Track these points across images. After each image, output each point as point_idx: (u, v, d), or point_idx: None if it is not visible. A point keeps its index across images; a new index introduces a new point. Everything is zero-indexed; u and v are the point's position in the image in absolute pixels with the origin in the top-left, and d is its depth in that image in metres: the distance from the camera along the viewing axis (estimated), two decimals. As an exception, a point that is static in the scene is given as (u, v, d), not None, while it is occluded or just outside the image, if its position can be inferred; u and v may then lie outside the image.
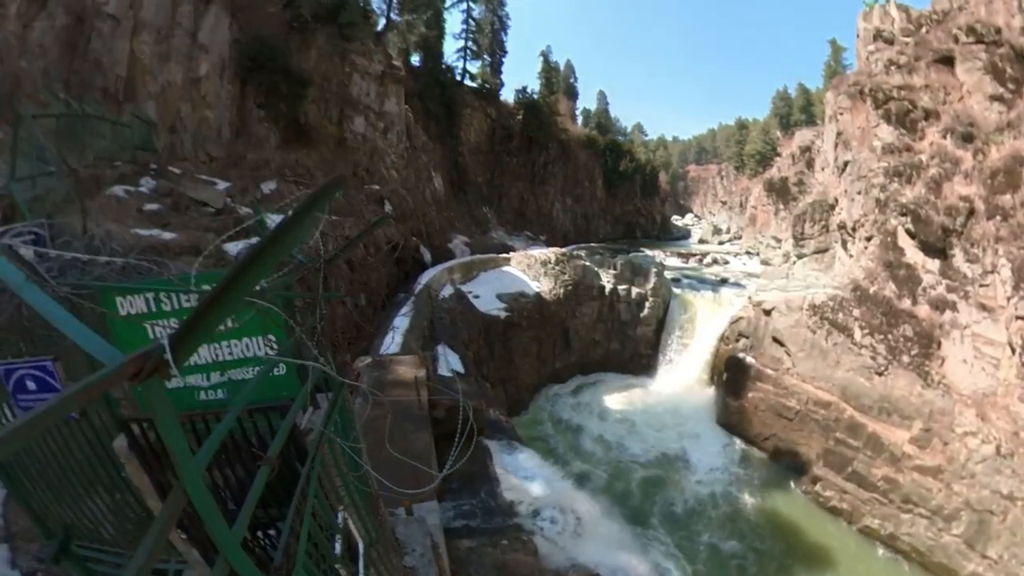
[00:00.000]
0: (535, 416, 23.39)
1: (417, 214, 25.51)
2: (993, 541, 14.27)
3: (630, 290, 28.37)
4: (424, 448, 8.48)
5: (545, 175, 46.09)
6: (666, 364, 28.00)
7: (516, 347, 23.57)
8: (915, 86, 20.21)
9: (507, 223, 41.32)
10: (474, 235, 33.15)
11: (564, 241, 43.65)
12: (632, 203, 58.20)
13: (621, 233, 56.01)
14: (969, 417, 15.60)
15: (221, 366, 3.20)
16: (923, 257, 18.13)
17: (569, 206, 49.42)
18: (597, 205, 53.57)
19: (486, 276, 26.56)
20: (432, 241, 26.33)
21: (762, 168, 55.83)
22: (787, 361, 21.49)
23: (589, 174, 52.00)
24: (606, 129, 65.15)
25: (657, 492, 18.72)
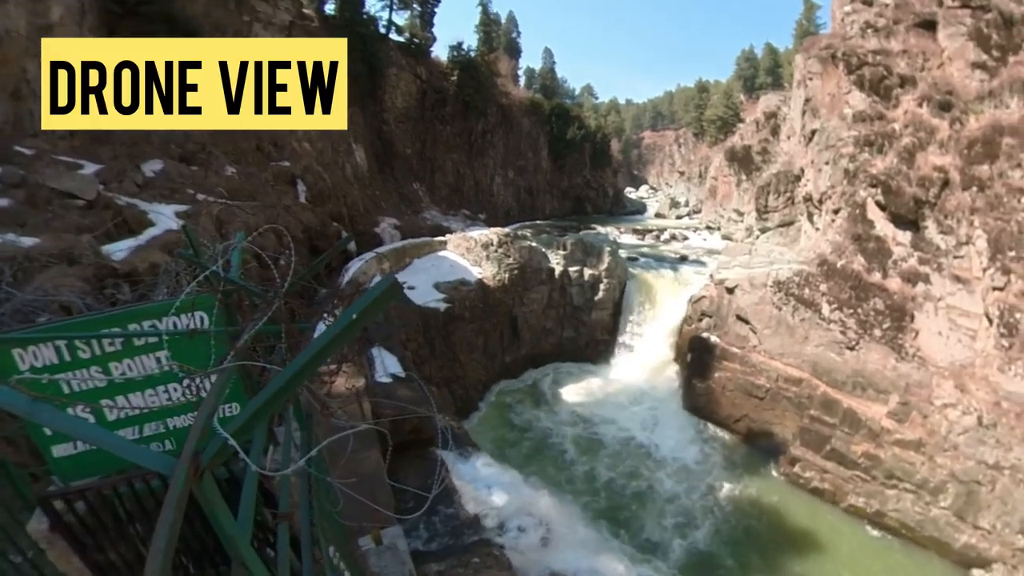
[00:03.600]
0: (487, 417, 23.83)
1: (337, 194, 24.53)
2: (984, 511, 16.23)
3: (582, 272, 29.16)
4: (376, 467, 8.44)
5: (484, 145, 45.73)
6: (625, 349, 29.33)
7: (460, 342, 23.76)
8: (892, 51, 21.87)
9: (442, 201, 40.76)
10: (404, 216, 32.44)
11: (507, 219, 43.91)
12: (581, 175, 59.17)
13: (570, 209, 56.99)
14: (947, 389, 17.55)
15: (159, 414, 2.89)
16: (894, 229, 19.99)
17: (511, 180, 49.44)
18: (542, 178, 53.99)
19: (421, 263, 26.36)
20: (356, 226, 25.51)
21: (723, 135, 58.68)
22: (753, 339, 23.21)
23: (533, 143, 52.19)
24: (552, 92, 65.59)
25: (626, 487, 19.63)
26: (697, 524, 18.11)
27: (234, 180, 18.30)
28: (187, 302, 3.15)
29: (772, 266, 24.29)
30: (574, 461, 21.01)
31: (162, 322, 3.35)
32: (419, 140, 40.21)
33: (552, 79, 68.67)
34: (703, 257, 34.82)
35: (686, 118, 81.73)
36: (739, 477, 20.69)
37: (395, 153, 37.18)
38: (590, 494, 19.19)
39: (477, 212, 42.69)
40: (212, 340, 3.05)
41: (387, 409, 10.51)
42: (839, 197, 22.63)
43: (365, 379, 11.38)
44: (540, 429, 23.09)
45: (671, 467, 21.05)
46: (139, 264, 9.91)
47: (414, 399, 11.90)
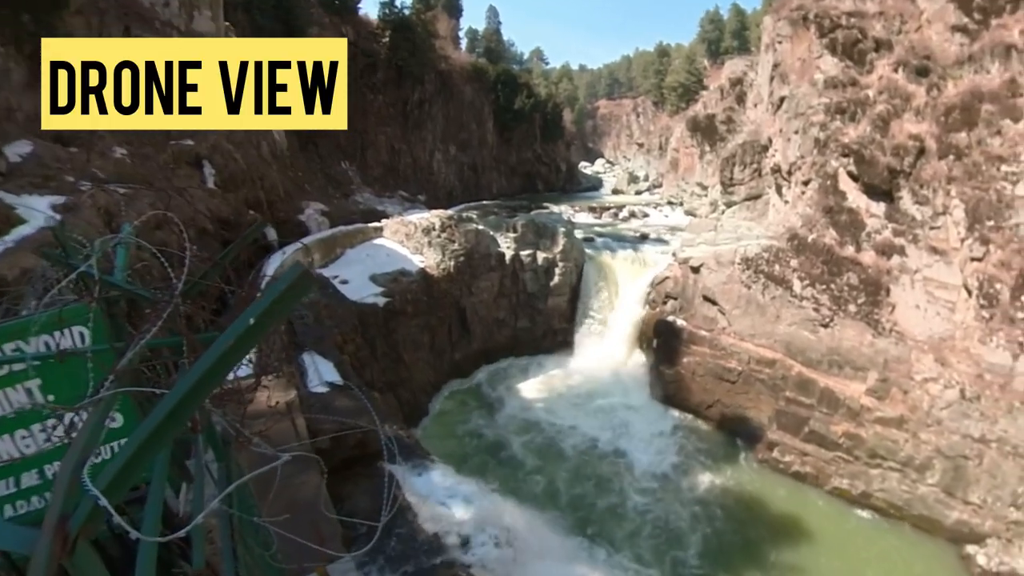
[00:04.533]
0: (439, 423, 23.81)
1: (252, 177, 23.40)
2: (973, 486, 17.48)
3: (535, 256, 29.42)
4: (315, 492, 8.10)
5: (421, 117, 44.88)
6: (586, 338, 29.91)
7: (403, 340, 23.56)
8: (867, 13, 22.76)
9: (375, 182, 39.82)
10: (333, 201, 31.49)
11: (449, 200, 43.49)
12: (531, 149, 59.22)
13: (519, 187, 57.05)
14: (928, 363, 18.73)
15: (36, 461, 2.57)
16: (867, 201, 21.02)
17: (453, 156, 48.88)
18: (488, 153, 53.70)
19: (354, 254, 25.89)
20: (277, 213, 24.51)
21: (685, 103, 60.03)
22: (722, 320, 24.08)
23: (477, 114, 51.70)
24: (498, 56, 65.11)
25: (596, 488, 20.00)
26: (675, 521, 18.62)
27: (124, 164, 17.08)
28: (54, 315, 2.75)
29: (739, 242, 25.12)
30: (538, 464, 21.21)
31: (30, 343, 2.96)
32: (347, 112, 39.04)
33: (497, 42, 68.18)
34: (665, 235, 35.64)
35: (645, 85, 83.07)
36: (716, 467, 21.43)
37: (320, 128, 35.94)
38: (558, 498, 19.41)
39: (416, 193, 41.98)
40: (89, 362, 2.67)
41: (325, 424, 10.17)
42: (809, 168, 23.51)
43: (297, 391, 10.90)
44: (498, 431, 23.18)
45: (643, 462, 21.55)
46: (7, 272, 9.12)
47: (356, 409, 11.57)
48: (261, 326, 1.63)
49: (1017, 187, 17.22)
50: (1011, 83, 17.85)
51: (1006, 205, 17.38)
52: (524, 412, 24.69)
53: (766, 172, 32.04)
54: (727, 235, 26.88)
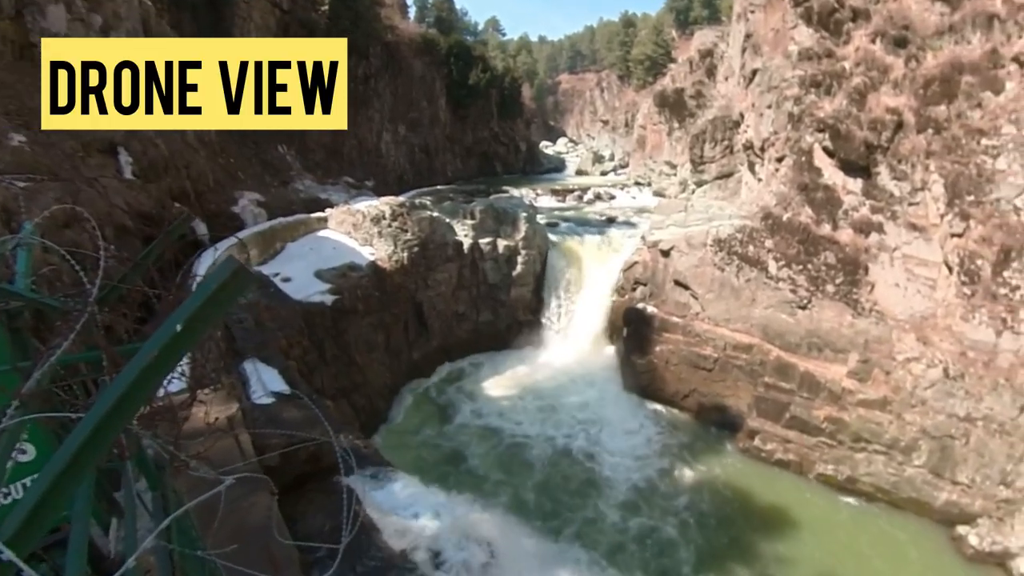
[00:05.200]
0: (400, 428, 23.80)
1: (177, 166, 22.54)
2: (961, 466, 18.40)
3: (495, 244, 29.65)
4: (266, 516, 7.93)
5: (366, 94, 44.06)
6: (553, 330, 30.50)
7: (355, 341, 23.38)
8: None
9: (316, 167, 38.97)
10: (270, 189, 30.71)
11: (400, 186, 43.26)
12: (487, 128, 59.11)
13: (476, 169, 57.14)
14: (909, 342, 19.56)
15: None
16: (843, 177, 21.65)
17: (403, 137, 48.27)
18: (441, 133, 53.32)
19: (296, 248, 25.52)
20: (207, 206, 23.73)
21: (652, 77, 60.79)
22: (695, 305, 24.72)
23: (428, 91, 51.14)
24: (449, 27, 64.57)
25: (570, 490, 20.30)
26: (656, 517, 19.07)
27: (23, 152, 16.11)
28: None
29: (711, 223, 25.61)
30: (508, 468, 21.38)
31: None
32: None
33: (449, 11, 67.55)
34: (633, 218, 36.44)
35: (609, 58, 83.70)
36: (695, 459, 22.06)
37: (251, 107, 34.89)
38: (532, 501, 19.65)
39: (363, 179, 41.35)
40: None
41: (273, 438, 9.96)
42: (783, 144, 24.05)
43: (239, 404, 10.58)
44: (464, 434, 23.32)
45: (619, 458, 21.96)
46: None
47: (306, 420, 11.34)
48: (191, 333, 1.58)
49: (998, 161, 17.95)
50: (992, 54, 18.56)
51: (986, 179, 18.12)
52: (490, 413, 24.85)
53: (738, 149, 32.71)
54: (698, 216, 27.37)
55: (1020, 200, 17.57)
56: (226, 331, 15.51)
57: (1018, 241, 17.47)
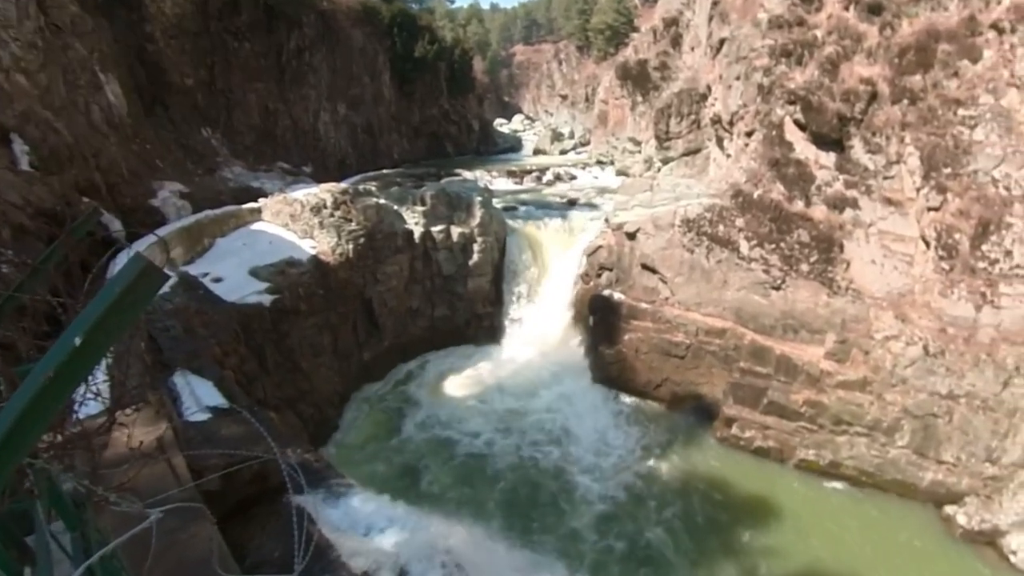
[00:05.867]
0: (353, 438, 23.67)
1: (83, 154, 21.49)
2: (945, 444, 19.31)
3: (449, 232, 29.65)
4: (207, 547, 7.61)
5: (300, 69, 42.93)
6: (515, 322, 30.84)
7: (299, 345, 23.05)
8: None
9: (247, 152, 37.83)
10: (194, 178, 29.69)
11: (342, 171, 42.57)
12: (436, 105, 58.49)
13: (425, 150, 56.55)
14: (887, 320, 20.31)
15: None
16: (816, 151, 22.25)
17: (343, 116, 47.33)
18: (385, 111, 52.52)
19: (227, 244, 24.85)
20: (121, 199, 22.76)
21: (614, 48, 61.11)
22: (664, 290, 25.26)
23: (370, 65, 50.20)
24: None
25: (542, 490, 20.57)
26: (634, 517, 19.42)
27: None
28: None
29: (678, 202, 26.11)
30: (473, 470, 21.50)
31: None
32: (204, 65, 36.52)
33: (390, -25, 66.17)
34: (596, 199, 36.82)
35: (568, 27, 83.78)
36: (672, 453, 22.60)
37: (169, 85, 33.43)
38: (501, 508, 19.75)
39: (300, 164, 40.39)
40: None
41: (211, 459, 9.54)
42: (752, 117, 24.54)
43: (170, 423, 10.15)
44: (424, 440, 23.29)
45: (591, 456, 22.31)
46: None
47: (248, 436, 10.97)
48: (94, 346, 1.51)
49: (975, 131, 18.66)
50: (970, 20, 19.25)
51: (963, 151, 18.83)
52: (452, 416, 24.88)
53: (705, 124, 33.21)
54: (665, 195, 27.79)
55: (998, 171, 18.31)
56: (150, 341, 14.99)
57: (996, 214, 18.23)
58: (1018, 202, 18.03)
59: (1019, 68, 18.12)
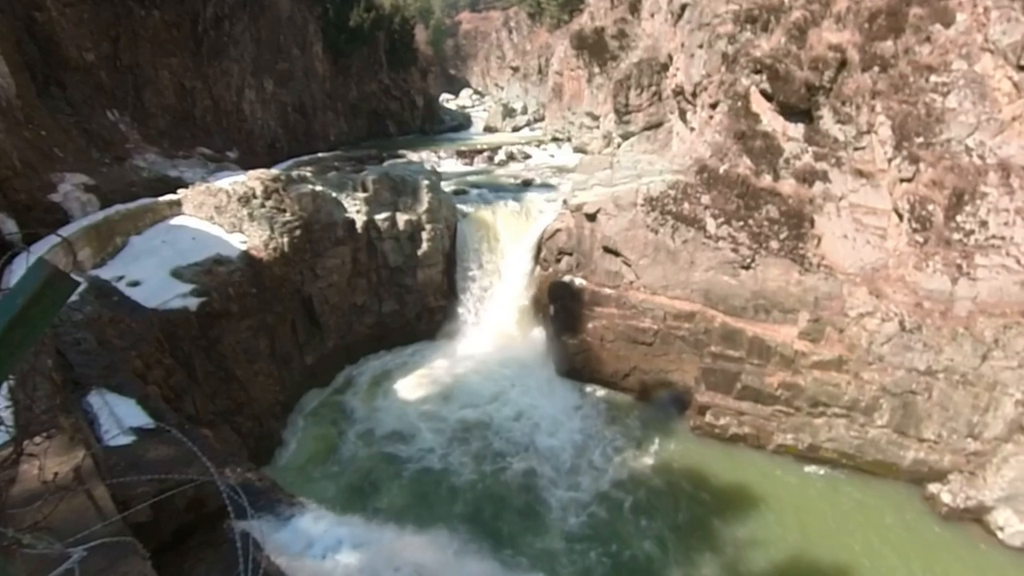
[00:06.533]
0: (300, 450, 23.50)
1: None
2: (925, 421, 20.26)
3: (394, 219, 29.66)
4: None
5: (220, 41, 41.73)
6: (471, 314, 31.28)
7: (232, 351, 22.61)
8: None
9: (162, 137, 36.66)
10: (101, 169, 28.69)
11: (272, 155, 42.03)
12: (376, 80, 57.90)
13: (365, 130, 56.23)
14: (861, 297, 21.10)
15: None
16: (783, 122, 22.76)
17: (271, 94, 46.33)
18: (319, 88, 51.62)
19: (143, 242, 24.18)
20: (14, 195, 21.94)
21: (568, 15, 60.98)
22: (628, 274, 25.80)
23: (299, 35, 49.25)
24: (319, -46, 62.21)
25: (508, 497, 20.80)
26: (607, 514, 19.86)
27: None
28: None
29: (640, 180, 26.44)
30: (433, 477, 21.62)
31: None
32: (107, 37, 35.11)
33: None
34: (553, 179, 37.28)
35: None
36: (643, 444, 23.23)
37: (65, 62, 32.09)
38: (465, 516, 19.93)
39: (223, 149, 39.38)
40: None
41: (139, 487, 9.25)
42: (717, 88, 24.97)
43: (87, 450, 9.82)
44: (377, 449, 23.26)
45: (558, 454, 22.74)
46: None
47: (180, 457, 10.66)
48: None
49: (947, 99, 19.31)
50: (944, -19, 19.88)
51: (936, 119, 19.49)
52: (406, 419, 24.91)
53: (667, 95, 33.68)
54: (626, 173, 28.08)
55: (972, 140, 19.01)
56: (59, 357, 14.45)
57: (970, 183, 18.96)
58: (993, 171, 18.77)
59: (993, 32, 18.78)
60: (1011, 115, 18.44)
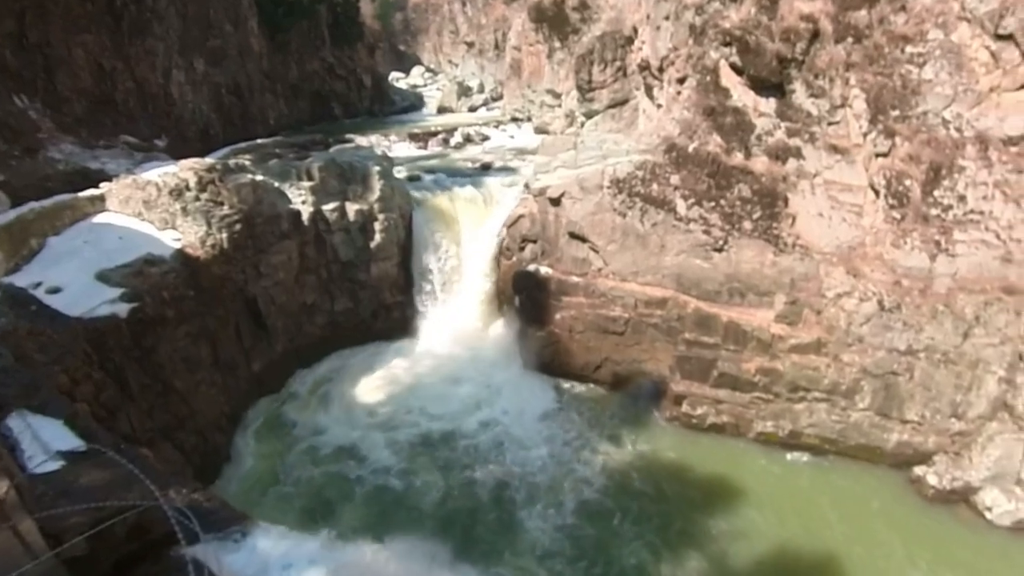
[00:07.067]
0: (250, 466, 23.33)
1: None
2: (908, 403, 20.94)
3: (343, 210, 29.45)
4: None
5: (142, 16, 40.59)
6: (430, 310, 31.40)
7: (169, 361, 22.22)
8: None
9: (79, 125, 35.75)
10: (10, 163, 27.93)
11: (206, 142, 41.22)
12: (318, 58, 57.27)
13: (308, 113, 55.59)
14: (839, 277, 21.66)
15: None
16: (754, 97, 23.04)
17: (203, 74, 45.35)
18: (256, 67, 50.76)
19: (63, 244, 23.59)
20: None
21: (526, -14, 60.87)
22: (596, 260, 26.06)
23: (231, 10, 48.27)
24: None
25: (479, 500, 21.05)
26: (586, 520, 20.12)
27: None
28: None
29: (606, 161, 26.76)
30: (398, 486, 21.70)
31: None
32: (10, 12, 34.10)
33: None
34: (513, 162, 37.54)
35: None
36: (620, 439, 23.70)
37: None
38: (434, 524, 20.05)
39: (151, 136, 38.47)
40: None
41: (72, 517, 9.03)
42: (684, 62, 25.19)
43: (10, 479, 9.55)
44: (334, 462, 23.09)
45: (529, 454, 23.03)
46: None
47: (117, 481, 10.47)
48: None
49: (924, 70, 19.68)
50: (918, -52, 20.22)
51: (912, 91, 19.88)
52: (364, 428, 24.85)
53: (632, 71, 33.87)
54: (590, 153, 28.42)
55: (948, 112, 19.44)
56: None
57: (948, 157, 19.44)
58: (970, 144, 19.22)
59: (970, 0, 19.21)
60: (988, 86, 18.89)
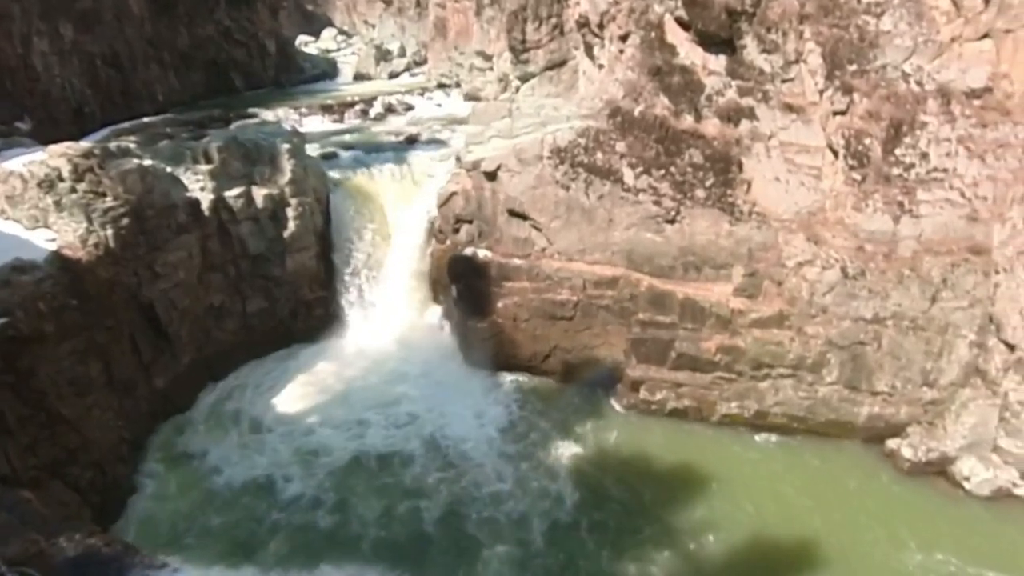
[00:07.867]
0: (158, 498, 22.55)
1: None
2: (877, 373, 21.69)
3: (250, 195, 28.61)
4: None
5: (-7, -20, 38.95)
6: (357, 305, 31.12)
7: (53, 384, 21.18)
8: None
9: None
10: None
11: (80, 123, 40.21)
12: (211, 20, 55.54)
13: (203, 86, 54.12)
14: (799, 244, 22.20)
15: None
16: (703, 54, 23.16)
17: (72, 43, 43.47)
18: (137, 34, 48.90)
19: None
20: None
21: (448, -63, 60.24)
22: (539, 239, 26.13)
23: (104, -35, 46.55)
24: None
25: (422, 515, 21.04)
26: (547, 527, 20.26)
27: None
28: None
29: (545, 128, 26.67)
30: (333, 507, 21.46)
31: None
32: None
33: None
34: (442, 133, 37.43)
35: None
36: (575, 433, 23.99)
37: None
38: (375, 549, 19.86)
39: (11, 118, 36.57)
40: None
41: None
42: (626, 16, 25.20)
43: None
44: (257, 488, 22.56)
45: (474, 458, 23.13)
46: None
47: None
48: None
49: (882, 20, 20.03)
50: None
51: (869, 44, 20.25)
52: (289, 436, 24.66)
53: (570, 28, 33.89)
54: (527, 121, 28.20)
55: (908, 65, 19.92)
56: None
57: (909, 113, 19.95)
58: (932, 98, 19.75)
59: (930, -56, 19.62)
60: (950, 36, 19.36)
